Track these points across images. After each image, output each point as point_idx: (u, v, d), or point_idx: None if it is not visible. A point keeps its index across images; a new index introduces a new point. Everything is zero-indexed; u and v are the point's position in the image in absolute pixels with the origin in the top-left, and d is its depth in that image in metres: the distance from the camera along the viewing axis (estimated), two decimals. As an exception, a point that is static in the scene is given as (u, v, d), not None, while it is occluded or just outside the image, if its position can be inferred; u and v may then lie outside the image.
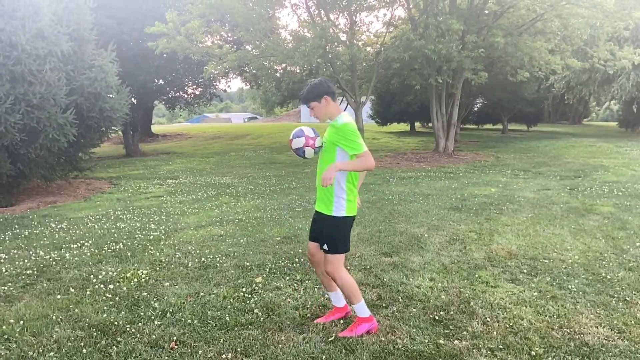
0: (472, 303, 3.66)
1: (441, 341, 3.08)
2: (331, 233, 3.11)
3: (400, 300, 3.73)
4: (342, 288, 3.19)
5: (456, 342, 3.07)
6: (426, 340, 3.09)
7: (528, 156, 14.67)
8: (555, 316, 3.44)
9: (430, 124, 22.09)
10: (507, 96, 23.03)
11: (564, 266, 4.48)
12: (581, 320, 3.37)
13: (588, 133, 26.00)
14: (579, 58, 16.67)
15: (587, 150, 15.95)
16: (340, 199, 3.09)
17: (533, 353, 2.93)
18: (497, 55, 14.79)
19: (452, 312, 3.50)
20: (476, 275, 4.25)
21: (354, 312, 3.27)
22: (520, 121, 29.13)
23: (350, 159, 3.03)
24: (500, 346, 3.02)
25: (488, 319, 3.39)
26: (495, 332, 3.19)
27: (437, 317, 3.42)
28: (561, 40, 15.10)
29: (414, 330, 3.23)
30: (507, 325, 3.29)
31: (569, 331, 3.21)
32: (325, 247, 3.13)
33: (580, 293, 3.84)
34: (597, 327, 3.26)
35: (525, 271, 4.37)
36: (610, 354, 2.93)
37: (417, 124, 30.73)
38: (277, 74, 16.64)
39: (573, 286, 3.97)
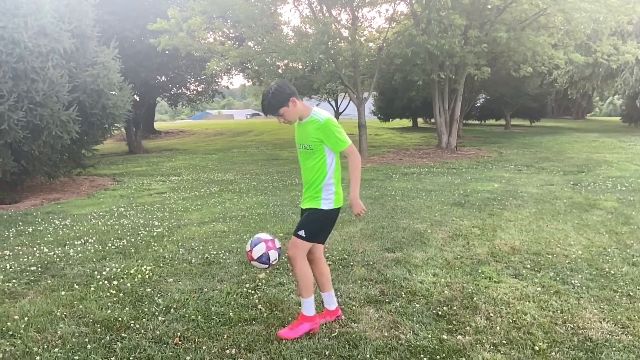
0: (475, 298, 3.66)
1: (444, 336, 3.08)
2: (314, 222, 3.10)
3: (404, 295, 3.74)
4: (299, 277, 3.09)
5: (459, 337, 3.08)
6: (429, 336, 3.09)
7: (531, 151, 14.63)
8: (558, 311, 3.43)
9: (432, 120, 22.07)
10: (510, 91, 22.96)
11: (567, 261, 4.47)
12: (585, 315, 3.36)
13: (591, 128, 25.92)
14: (582, 53, 16.57)
15: (591, 145, 15.90)
16: (330, 192, 3.13)
17: (536, 348, 2.93)
18: (499, 50, 14.75)
19: (455, 308, 3.50)
20: (479, 271, 4.25)
21: (302, 306, 3.15)
22: (523, 116, 29.06)
23: (336, 154, 3.10)
24: (504, 341, 3.02)
25: (491, 314, 3.39)
26: (498, 327, 3.19)
27: (440, 313, 3.42)
28: (564, 34, 15.02)
29: (417, 325, 3.23)
30: (511, 321, 3.29)
31: (572, 326, 3.21)
32: (302, 232, 3.06)
33: (584, 288, 3.83)
34: (601, 322, 3.26)
35: (528, 266, 4.36)
36: (614, 348, 2.93)
37: (420, 120, 30.70)
38: (280, 71, 16.60)
39: (576, 281, 3.97)
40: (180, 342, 3.07)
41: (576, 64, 18.33)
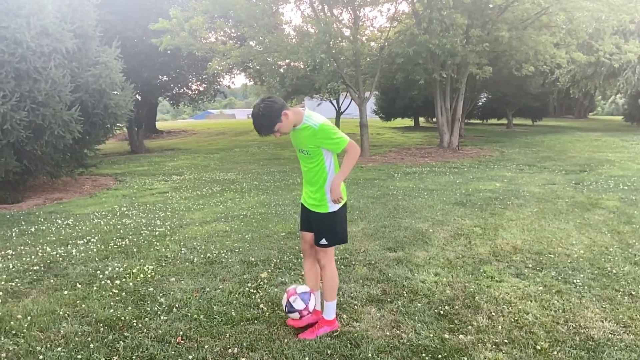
0: (477, 297, 3.66)
1: (446, 335, 3.09)
2: (330, 228, 3.11)
3: (405, 295, 3.74)
4: (329, 280, 3.14)
5: (461, 336, 3.08)
6: (431, 335, 3.10)
7: (533, 151, 14.61)
8: (560, 310, 3.43)
9: (434, 119, 22.06)
10: (512, 90, 22.93)
11: (569, 260, 4.47)
12: (586, 314, 3.37)
13: (593, 127, 25.87)
14: (584, 52, 16.55)
15: (593, 145, 15.88)
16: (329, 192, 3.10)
17: (538, 347, 2.93)
18: (501, 49, 14.71)
19: (457, 307, 3.51)
20: (481, 270, 4.26)
21: (323, 309, 3.20)
22: (525, 116, 29.00)
23: (334, 155, 3.12)
24: (506, 340, 3.02)
25: (493, 314, 3.39)
26: (500, 327, 3.20)
27: (442, 312, 3.42)
28: (566, 33, 14.98)
29: (419, 324, 3.24)
30: (512, 320, 3.30)
31: (574, 325, 3.21)
32: (323, 241, 3.10)
33: (586, 287, 3.83)
34: (603, 322, 3.26)
35: (530, 266, 4.36)
36: (616, 348, 2.93)
37: (421, 119, 30.67)
38: (281, 70, 16.61)
39: (578, 280, 3.97)
40: (182, 341, 3.08)
41: (578, 63, 18.30)
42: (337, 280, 3.21)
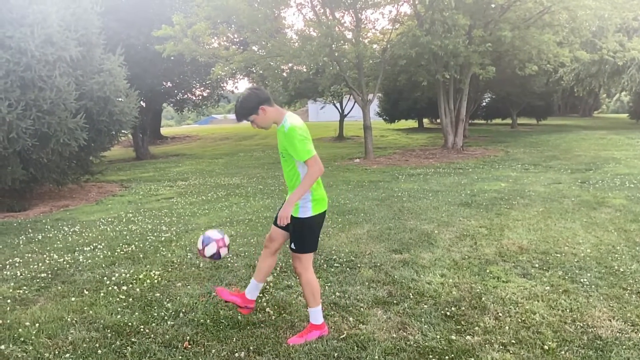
0: (483, 298, 3.65)
1: (453, 337, 3.08)
2: (299, 234, 3.07)
3: (411, 296, 3.74)
4: (305, 288, 3.12)
5: (468, 337, 3.07)
6: (438, 336, 3.09)
7: (538, 150, 14.56)
8: (567, 310, 3.42)
9: (438, 120, 22.03)
10: (515, 90, 22.85)
11: (576, 260, 4.45)
12: (594, 313, 3.35)
13: (599, 125, 25.75)
14: (587, 50, 16.50)
15: (598, 143, 15.80)
16: (306, 200, 3.02)
17: (546, 347, 2.92)
18: (504, 49, 14.68)
19: (463, 308, 3.50)
20: (487, 271, 4.24)
21: (309, 315, 3.17)
22: (530, 115, 28.90)
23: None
24: (513, 341, 3.01)
25: (500, 314, 3.38)
26: (507, 327, 3.19)
27: (448, 313, 3.42)
28: (569, 32, 14.94)
29: (426, 326, 3.23)
30: (520, 320, 3.28)
31: (582, 325, 3.20)
32: (292, 246, 3.09)
33: (593, 286, 3.81)
34: (611, 321, 3.24)
35: (536, 265, 4.35)
36: (624, 347, 2.91)
37: (425, 120, 30.63)
38: (284, 74, 16.65)
39: (585, 280, 3.95)
40: (189, 346, 3.09)
41: (582, 61, 18.23)
42: (316, 286, 3.13)
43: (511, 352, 2.89)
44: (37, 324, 3.45)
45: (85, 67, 9.38)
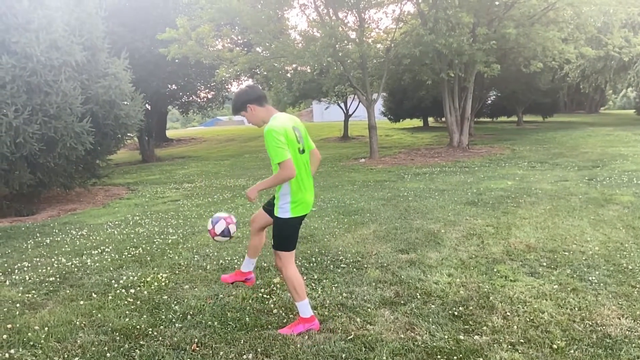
0: (491, 298, 3.64)
1: (461, 337, 3.07)
2: (277, 232, 3.23)
3: (419, 296, 3.73)
4: (288, 284, 3.25)
5: (476, 337, 3.06)
6: (446, 336, 3.08)
7: (544, 147, 14.49)
8: (576, 308, 3.40)
9: (443, 119, 21.97)
10: (521, 87, 22.75)
11: (584, 258, 4.43)
12: (603, 312, 3.33)
13: (605, 122, 25.59)
14: (593, 46, 16.41)
15: (605, 139, 15.70)
16: (285, 202, 3.13)
17: (555, 346, 2.90)
18: (509, 46, 14.63)
19: (471, 308, 3.48)
20: (495, 270, 4.23)
21: (297, 309, 3.29)
22: (536, 112, 28.78)
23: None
24: (521, 340, 3.00)
25: (508, 314, 3.37)
26: (515, 327, 3.17)
27: (456, 313, 3.40)
28: (574, 28, 14.87)
29: (434, 326, 3.22)
30: (528, 319, 3.27)
31: (590, 323, 3.18)
32: (273, 242, 3.27)
33: (602, 284, 3.79)
34: (620, 319, 3.22)
35: (544, 264, 4.32)
36: (634, 345, 2.89)
37: (430, 119, 30.56)
38: (288, 75, 16.67)
39: (594, 278, 3.92)
40: (197, 348, 3.09)
41: (587, 57, 18.15)
42: (297, 281, 3.22)
43: (520, 351, 2.88)
44: (46, 328, 3.47)
45: (90, 71, 9.43)
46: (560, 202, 6.77)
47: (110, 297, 4.04)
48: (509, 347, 2.93)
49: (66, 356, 3.07)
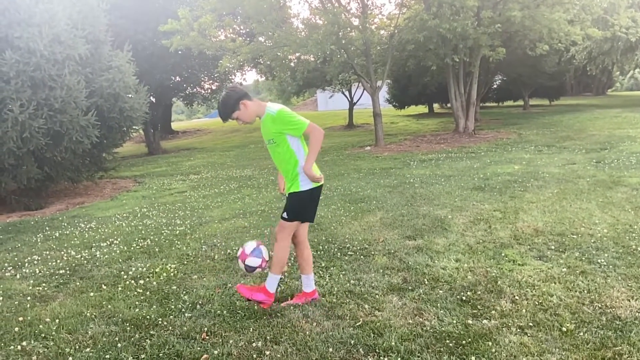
0: (499, 282, 3.63)
1: (470, 321, 3.07)
2: (297, 204, 3.28)
3: (427, 282, 3.73)
4: (277, 254, 3.32)
5: (485, 321, 3.06)
6: (454, 321, 3.08)
7: (551, 131, 14.37)
8: (585, 291, 3.39)
9: (448, 105, 21.82)
10: (527, 71, 22.49)
11: (592, 240, 4.40)
12: (612, 294, 3.31)
13: (613, 104, 25.32)
14: (599, 27, 16.18)
15: (613, 121, 15.54)
16: (304, 175, 3.23)
17: (564, 329, 2.90)
18: (514, 29, 14.43)
19: (479, 292, 3.48)
20: (502, 254, 4.21)
21: (267, 279, 3.40)
22: (542, 96, 28.48)
23: (300, 139, 3.24)
24: (530, 324, 2.99)
25: (517, 297, 3.36)
26: (524, 310, 3.17)
27: (464, 298, 3.40)
28: (580, 9, 14.65)
29: (442, 311, 3.22)
30: (537, 303, 3.26)
31: (600, 306, 3.16)
32: (284, 215, 3.30)
33: (611, 267, 3.77)
34: (629, 300, 3.20)
35: (553, 247, 4.30)
36: (644, 326, 2.88)
37: (436, 105, 30.38)
38: (292, 64, 16.59)
39: (603, 260, 3.91)
40: (207, 337, 3.12)
41: (594, 39, 17.92)
42: (285, 257, 3.35)
43: (529, 335, 2.87)
44: (57, 320, 3.51)
45: (94, 64, 9.43)
46: (568, 186, 6.72)
47: (120, 289, 4.08)
48: (518, 330, 2.93)
49: (77, 347, 3.11)
